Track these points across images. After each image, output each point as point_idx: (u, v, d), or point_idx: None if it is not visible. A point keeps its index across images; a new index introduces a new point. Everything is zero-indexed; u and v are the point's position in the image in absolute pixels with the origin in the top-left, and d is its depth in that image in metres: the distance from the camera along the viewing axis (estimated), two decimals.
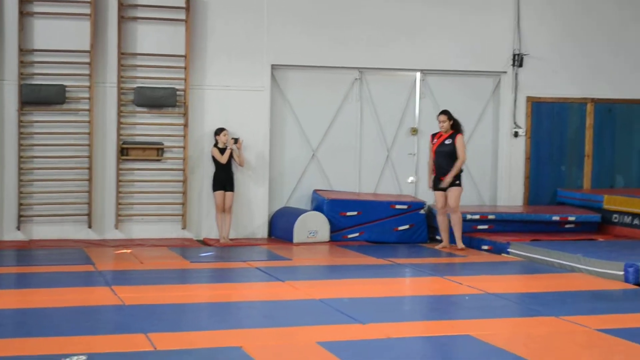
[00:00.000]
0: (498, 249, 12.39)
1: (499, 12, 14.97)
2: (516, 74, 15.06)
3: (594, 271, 10.27)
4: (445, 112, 12.76)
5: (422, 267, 10.76)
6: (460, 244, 12.55)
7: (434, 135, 12.82)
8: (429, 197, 14.44)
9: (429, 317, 7.88)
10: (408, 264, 11.05)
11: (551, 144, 15.34)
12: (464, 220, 13.27)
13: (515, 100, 15.10)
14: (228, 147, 13.16)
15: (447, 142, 12.57)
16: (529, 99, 15.18)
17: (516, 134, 15.09)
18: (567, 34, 15.26)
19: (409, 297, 9.26)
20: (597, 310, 8.16)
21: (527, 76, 15.10)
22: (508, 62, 15.01)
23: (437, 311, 8.15)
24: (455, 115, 13.07)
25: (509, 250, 12.11)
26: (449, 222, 12.68)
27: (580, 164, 15.47)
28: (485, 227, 13.49)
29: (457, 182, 12.52)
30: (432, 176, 12.72)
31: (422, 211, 13.73)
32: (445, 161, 12.53)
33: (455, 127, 12.67)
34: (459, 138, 12.56)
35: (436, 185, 12.64)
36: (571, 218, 13.72)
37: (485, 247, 12.70)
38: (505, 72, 15.05)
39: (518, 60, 14.97)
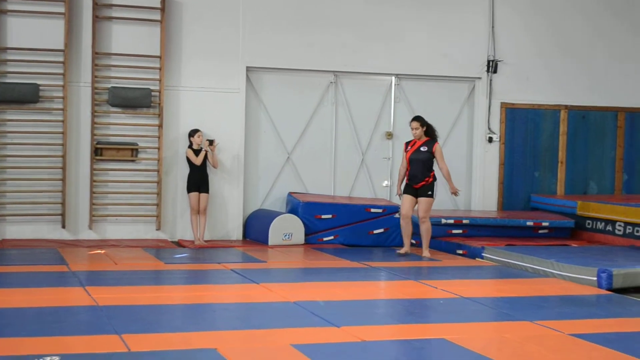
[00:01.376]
0: (472, 254, 12.43)
1: (474, 18, 15.04)
2: (490, 80, 15.13)
3: (568, 276, 10.33)
4: (417, 119, 12.29)
5: (396, 271, 10.77)
6: (427, 252, 12.19)
7: (407, 144, 12.38)
8: None
9: (404, 321, 7.87)
10: (383, 268, 11.06)
11: (525, 149, 15.43)
12: (439, 224, 13.33)
13: (489, 106, 15.17)
14: (203, 149, 13.12)
15: (422, 148, 12.13)
16: (503, 105, 15.26)
17: (490, 140, 15.16)
18: (541, 41, 15.36)
19: (384, 300, 9.26)
20: (570, 315, 8.19)
21: (501, 82, 15.19)
22: (482, 68, 15.09)
23: (412, 315, 8.15)
24: (430, 120, 13.09)
25: (483, 254, 12.15)
26: (412, 228, 12.37)
27: (554, 170, 15.56)
28: (460, 231, 13.54)
29: (430, 192, 12.12)
30: (405, 184, 12.29)
31: (396, 215, 13.72)
32: (419, 169, 12.08)
33: (430, 134, 12.23)
34: (437, 148, 12.12)
35: (407, 190, 12.19)
36: (545, 223, 13.79)
37: (460, 252, 12.75)
38: (479, 78, 15.12)
39: (492, 66, 15.05)
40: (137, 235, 13.51)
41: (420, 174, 12.10)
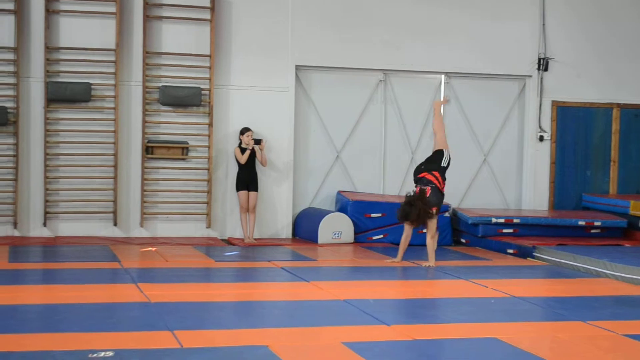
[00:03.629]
0: (523, 253, 12.34)
1: (524, 16, 14.92)
2: (541, 78, 15.00)
3: (621, 276, 10.20)
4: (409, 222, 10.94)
5: (447, 270, 10.71)
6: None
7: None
8: (454, 200, 14.45)
9: (454, 320, 7.82)
10: (433, 266, 11.00)
11: (576, 148, 15.27)
12: (489, 224, 13.30)
13: (540, 105, 15.04)
14: (248, 148, 13.16)
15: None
16: (554, 103, 15.12)
17: (541, 138, 15.02)
18: (592, 38, 15.19)
19: (434, 299, 9.21)
20: (623, 316, 8.09)
21: (552, 80, 15.04)
22: (533, 66, 14.95)
23: (463, 314, 8.09)
24: (480, 119, 12.90)
25: (534, 254, 12.05)
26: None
27: (606, 169, 15.38)
28: (511, 230, 13.44)
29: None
30: None
31: (446, 214, 13.69)
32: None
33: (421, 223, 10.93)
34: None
35: None
36: (597, 223, 13.63)
37: (511, 251, 12.65)
38: (530, 76, 14.99)
39: (543, 64, 14.91)
40: (187, 233, 13.60)
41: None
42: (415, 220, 10.76)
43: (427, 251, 11.11)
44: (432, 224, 10.92)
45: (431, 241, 11.04)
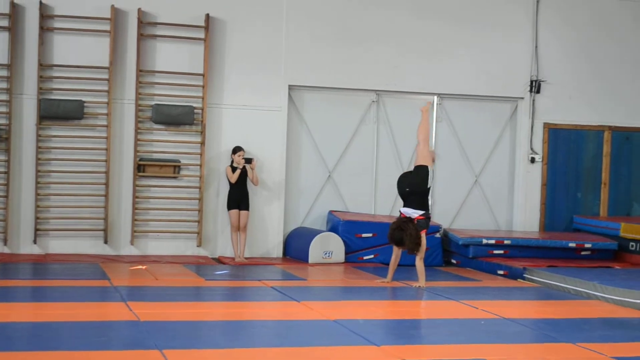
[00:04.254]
0: (514, 274, 12.34)
1: (517, 38, 14.99)
2: (533, 100, 15.06)
3: (611, 299, 10.21)
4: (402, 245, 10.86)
5: (437, 291, 10.71)
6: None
7: None
8: (445, 220, 14.47)
9: (444, 341, 7.82)
10: (423, 287, 11.00)
11: (568, 170, 15.32)
12: (480, 245, 13.33)
13: (532, 126, 15.09)
14: (239, 167, 13.16)
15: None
16: (545, 125, 15.17)
17: (533, 160, 15.07)
18: (585, 61, 15.27)
19: (424, 320, 9.22)
20: (613, 338, 8.09)
21: (544, 102, 15.11)
22: (525, 88, 15.02)
23: (453, 335, 8.09)
24: (472, 140, 12.89)
25: (524, 275, 12.06)
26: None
27: (596, 192, 15.42)
28: (501, 252, 13.45)
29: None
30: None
31: (437, 234, 13.71)
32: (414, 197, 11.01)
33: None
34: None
35: None
36: (587, 245, 13.66)
37: (501, 272, 12.66)
38: (522, 98, 15.05)
39: (535, 86, 14.98)
40: (177, 252, 13.58)
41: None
42: (409, 246, 10.72)
43: (417, 272, 11.09)
44: (422, 246, 10.92)
45: (420, 262, 11.02)
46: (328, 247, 13.32)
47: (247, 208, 13.31)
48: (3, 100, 12.95)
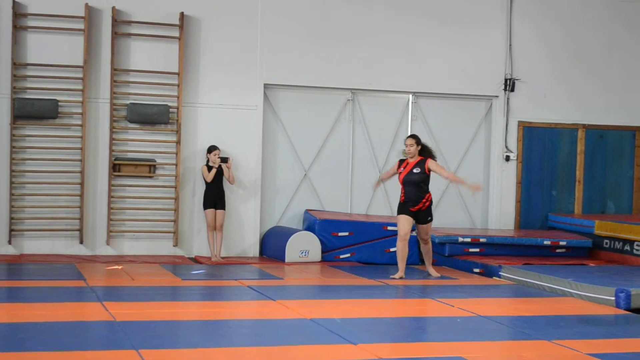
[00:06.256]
0: (489, 272, 12.40)
1: (492, 37, 15.06)
2: (508, 99, 15.13)
3: (585, 296, 10.28)
4: (413, 136, 11.68)
5: (413, 289, 10.74)
6: (432, 270, 12.07)
7: (400, 163, 11.73)
8: None
9: (421, 339, 7.84)
10: (399, 286, 11.04)
11: (542, 168, 15.40)
12: (455, 243, 13.39)
13: (506, 125, 15.16)
14: (214, 166, 13.14)
15: (415, 170, 11.49)
16: (520, 123, 15.25)
17: (507, 158, 15.14)
18: (558, 60, 15.36)
19: (401, 318, 9.23)
20: (588, 335, 8.14)
21: (518, 101, 15.18)
22: (500, 86, 15.09)
23: (429, 333, 8.13)
24: (447, 138, 13.03)
25: (500, 273, 12.11)
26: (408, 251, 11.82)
27: (571, 189, 15.52)
28: (477, 250, 13.51)
29: (430, 217, 11.66)
30: (400, 203, 11.69)
31: (413, 233, 13.71)
32: (414, 191, 11.48)
33: (425, 154, 11.60)
34: (430, 163, 11.47)
35: (403, 210, 11.60)
36: (562, 243, 13.75)
37: (477, 270, 12.72)
38: (497, 97, 15.12)
39: (510, 85, 15.05)
40: (154, 252, 13.54)
41: (416, 197, 11.51)
42: (421, 145, 11.55)
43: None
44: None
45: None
46: (304, 246, 13.32)
47: (223, 207, 13.29)
48: None
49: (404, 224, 11.60)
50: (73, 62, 13.19)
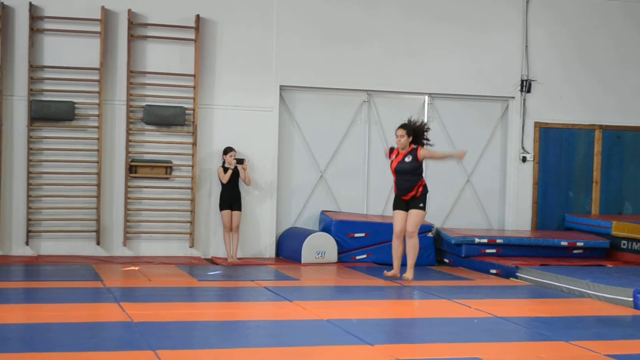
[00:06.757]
0: (506, 273, 12.36)
1: (508, 37, 15.02)
2: (524, 100, 15.08)
3: (603, 297, 10.22)
4: (404, 127, 11.29)
5: (430, 290, 10.71)
6: (411, 273, 11.21)
7: (391, 151, 11.47)
8: (437, 220, 14.49)
9: (438, 340, 7.82)
10: (416, 286, 11.01)
11: (559, 169, 15.34)
12: (472, 244, 13.32)
13: (523, 126, 15.11)
14: (230, 168, 13.16)
15: (407, 159, 11.17)
16: (537, 124, 15.20)
17: (524, 159, 15.09)
18: (575, 60, 15.30)
19: (418, 319, 9.22)
20: (606, 336, 8.10)
21: (535, 102, 15.13)
22: (516, 87, 15.04)
23: (446, 334, 8.09)
24: (463, 139, 12.96)
25: (517, 274, 12.07)
26: (404, 249, 11.36)
27: (588, 190, 15.45)
28: (494, 251, 13.48)
29: (422, 204, 11.18)
30: (394, 197, 11.42)
31: (429, 234, 13.71)
32: (406, 180, 11.15)
33: (416, 141, 11.25)
34: (422, 151, 11.17)
35: (398, 205, 11.29)
36: (579, 244, 13.69)
37: (494, 271, 12.67)
38: (513, 98, 15.07)
39: (526, 85, 15.00)
40: (170, 253, 13.57)
41: (407, 185, 11.16)
42: (412, 135, 11.17)
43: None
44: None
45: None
46: (321, 247, 13.32)
47: (239, 208, 13.31)
48: None
49: (398, 221, 11.23)
50: (89, 64, 13.24)
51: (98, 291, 9.96)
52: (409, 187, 11.20)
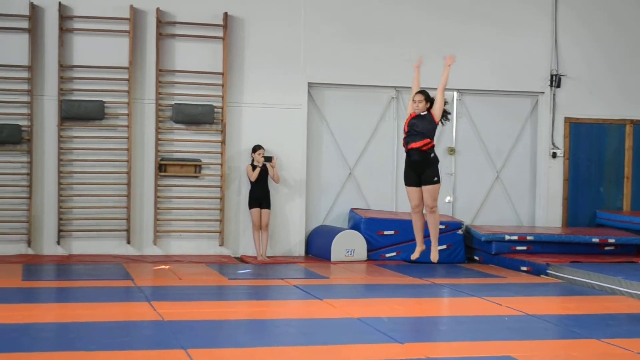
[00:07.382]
0: (537, 270, 12.29)
1: (537, 32, 14.92)
2: (554, 95, 14.98)
3: (635, 294, 10.14)
4: (422, 92, 10.66)
5: (460, 287, 10.68)
6: (436, 254, 10.38)
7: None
8: (467, 217, 14.44)
9: (468, 338, 7.79)
10: (446, 284, 10.99)
11: (589, 165, 15.23)
12: (502, 241, 13.23)
13: (553, 121, 15.01)
14: (258, 166, 13.17)
15: (423, 114, 10.42)
16: (567, 119, 15.09)
17: (554, 155, 14.99)
18: (605, 55, 15.17)
19: (448, 317, 9.19)
20: (638, 334, 8.04)
21: (565, 97, 15.02)
22: (546, 82, 14.94)
23: (476, 332, 8.06)
24: (493, 135, 12.80)
25: (548, 271, 12.00)
26: (425, 221, 10.52)
27: (619, 186, 15.33)
28: (524, 248, 13.39)
29: (436, 178, 10.28)
30: (404, 172, 10.57)
31: (459, 231, 13.66)
32: (416, 132, 10.30)
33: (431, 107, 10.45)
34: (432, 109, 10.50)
35: (409, 179, 10.46)
36: (611, 240, 13.57)
37: (524, 268, 12.60)
38: (542, 93, 14.98)
39: (556, 80, 14.90)
40: (200, 251, 13.60)
41: (416, 138, 10.29)
42: (430, 102, 10.47)
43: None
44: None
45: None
46: (350, 245, 13.30)
47: (268, 206, 13.32)
48: (24, 101, 13.02)
49: (413, 195, 10.39)
50: (118, 63, 13.30)
51: (129, 290, 10.02)
52: (417, 139, 10.27)
